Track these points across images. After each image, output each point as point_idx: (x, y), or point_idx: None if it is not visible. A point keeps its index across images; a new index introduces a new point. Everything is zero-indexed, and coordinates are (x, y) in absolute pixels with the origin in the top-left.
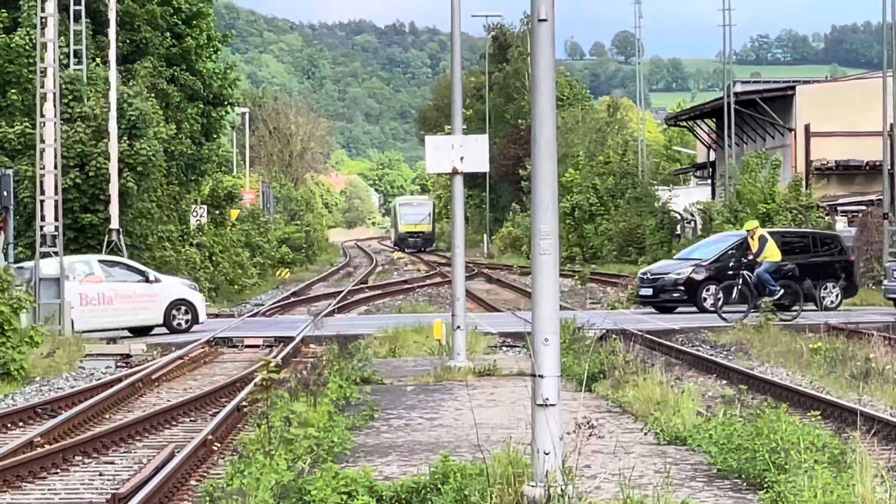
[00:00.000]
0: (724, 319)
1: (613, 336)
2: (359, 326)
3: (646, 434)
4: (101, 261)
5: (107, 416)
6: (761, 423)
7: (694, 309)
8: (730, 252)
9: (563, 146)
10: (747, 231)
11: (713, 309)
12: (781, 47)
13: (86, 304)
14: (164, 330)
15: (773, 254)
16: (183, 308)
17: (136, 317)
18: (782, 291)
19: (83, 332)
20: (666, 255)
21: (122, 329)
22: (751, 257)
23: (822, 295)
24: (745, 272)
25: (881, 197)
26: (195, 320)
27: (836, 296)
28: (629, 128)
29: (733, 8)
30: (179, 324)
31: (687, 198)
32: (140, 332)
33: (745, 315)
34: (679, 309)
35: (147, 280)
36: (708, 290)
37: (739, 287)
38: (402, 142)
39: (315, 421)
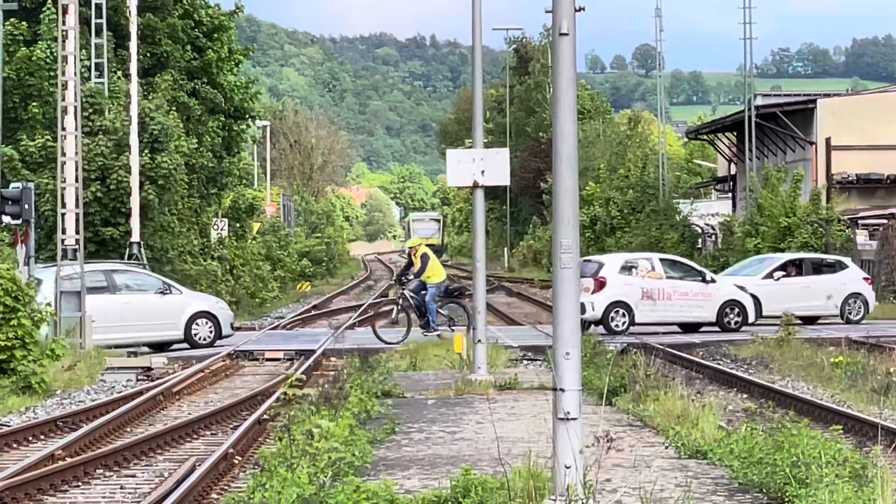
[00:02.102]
0: (384, 342)
1: (634, 350)
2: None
3: (667, 448)
4: (661, 259)
5: (128, 430)
6: (782, 437)
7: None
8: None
9: (583, 159)
10: (409, 248)
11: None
12: (802, 61)
13: (646, 299)
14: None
15: (435, 273)
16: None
17: (691, 314)
18: (442, 322)
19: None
20: None
21: (676, 324)
22: (412, 277)
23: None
24: (406, 292)
25: None
26: (745, 321)
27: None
28: (650, 141)
29: (754, 21)
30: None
31: (708, 211)
32: (690, 328)
33: (404, 337)
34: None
35: (704, 280)
36: None
37: (400, 307)
38: (423, 155)
39: (337, 434)
